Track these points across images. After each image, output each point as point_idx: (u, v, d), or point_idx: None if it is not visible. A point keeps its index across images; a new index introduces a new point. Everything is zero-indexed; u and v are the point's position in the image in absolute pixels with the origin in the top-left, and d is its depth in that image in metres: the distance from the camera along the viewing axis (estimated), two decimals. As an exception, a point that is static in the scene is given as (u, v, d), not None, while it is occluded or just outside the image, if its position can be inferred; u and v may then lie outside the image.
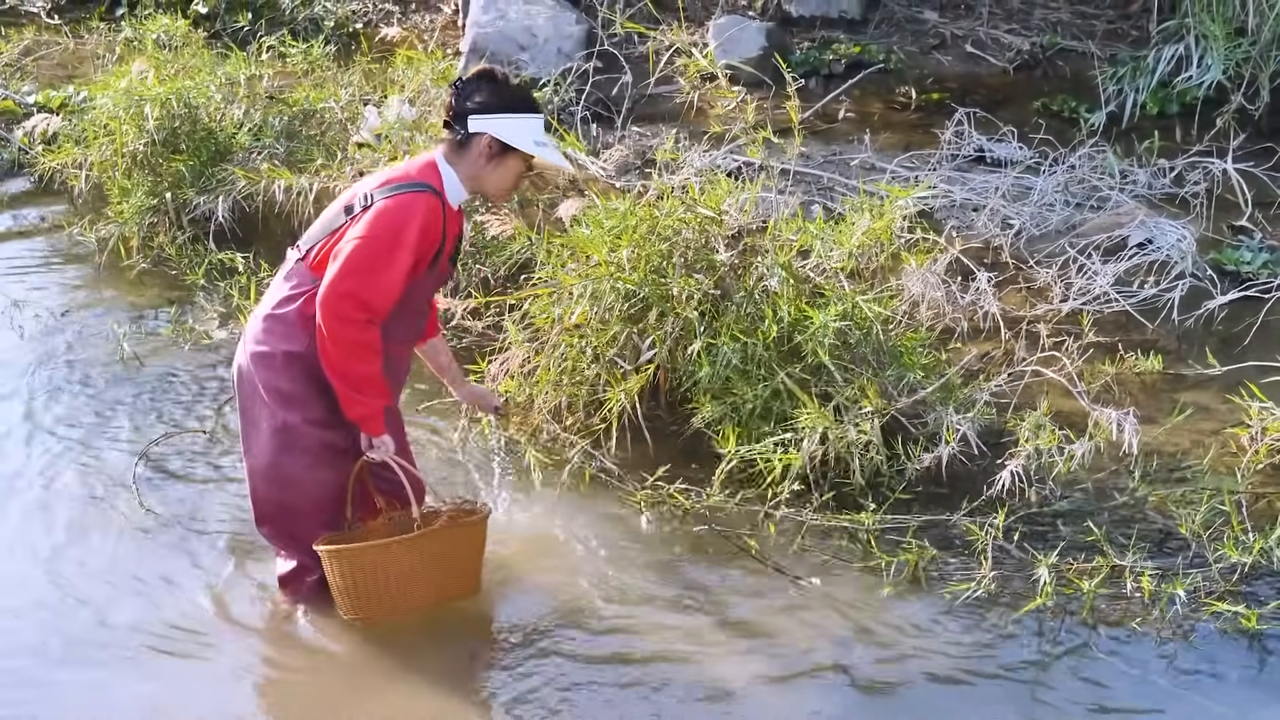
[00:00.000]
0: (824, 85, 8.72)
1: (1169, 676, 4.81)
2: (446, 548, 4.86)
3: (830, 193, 7.44)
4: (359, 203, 4.72)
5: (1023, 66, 9.03)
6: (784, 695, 4.71)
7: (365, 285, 4.57)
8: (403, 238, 4.62)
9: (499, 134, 4.76)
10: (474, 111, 4.76)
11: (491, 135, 4.76)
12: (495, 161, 4.81)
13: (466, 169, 4.81)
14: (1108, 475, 5.70)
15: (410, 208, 4.66)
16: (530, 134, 4.81)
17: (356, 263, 4.58)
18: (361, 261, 4.59)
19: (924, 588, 5.19)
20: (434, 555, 4.80)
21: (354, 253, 4.60)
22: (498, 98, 4.78)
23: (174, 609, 5.08)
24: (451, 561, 4.88)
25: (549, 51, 8.64)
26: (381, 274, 4.60)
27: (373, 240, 4.61)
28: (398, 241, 4.61)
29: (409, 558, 4.75)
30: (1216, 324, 6.55)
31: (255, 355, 4.78)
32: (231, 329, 6.81)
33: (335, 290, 4.56)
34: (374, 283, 4.58)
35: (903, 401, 5.65)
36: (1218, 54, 8.02)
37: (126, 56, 8.90)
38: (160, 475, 5.87)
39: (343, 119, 7.83)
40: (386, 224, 4.63)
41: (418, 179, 4.73)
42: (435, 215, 4.70)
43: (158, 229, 7.53)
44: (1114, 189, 7.41)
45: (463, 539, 4.94)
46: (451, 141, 4.82)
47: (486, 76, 4.82)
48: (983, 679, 4.81)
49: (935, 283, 6.28)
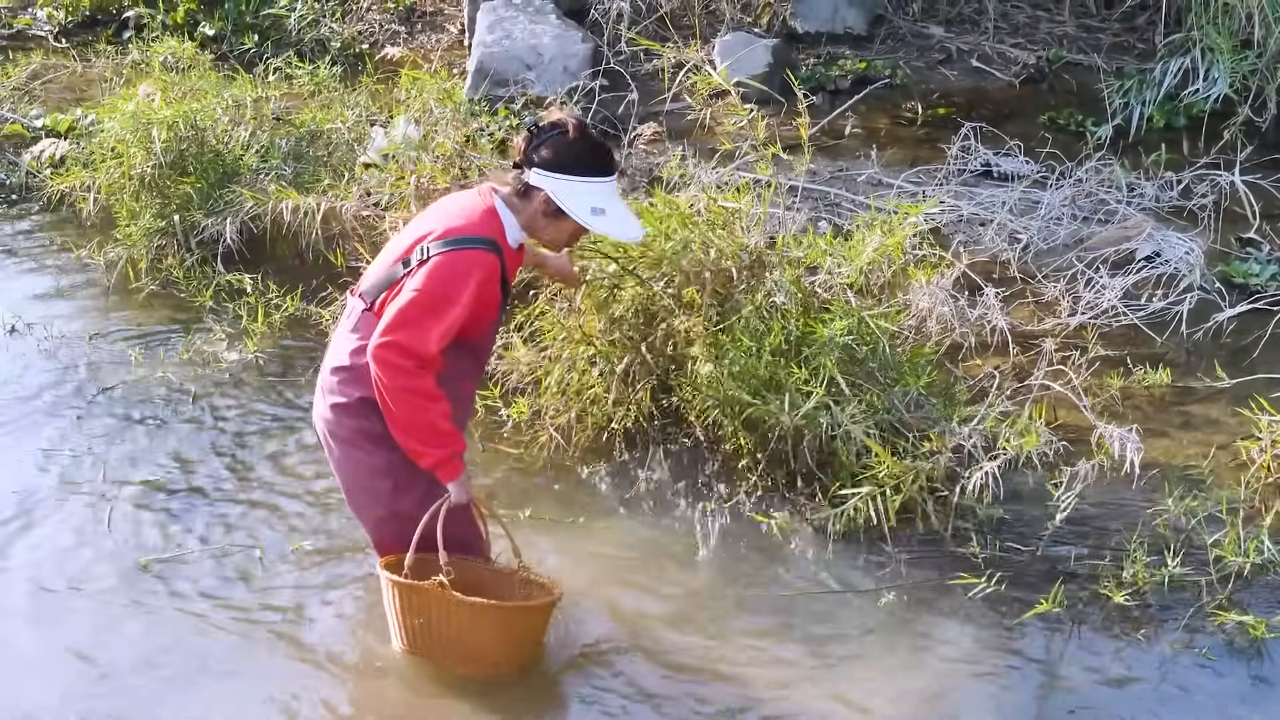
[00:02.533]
0: (830, 101, 8.72)
1: (1175, 684, 4.83)
2: (509, 621, 4.76)
3: (837, 209, 7.44)
4: (417, 256, 4.62)
5: (1029, 80, 9.04)
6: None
7: (413, 337, 4.50)
8: (456, 297, 4.55)
9: (555, 195, 4.64)
10: (537, 165, 4.65)
11: (549, 193, 4.65)
12: (551, 219, 4.71)
13: (524, 218, 4.72)
14: (1115, 487, 5.70)
15: (467, 267, 4.57)
16: (590, 199, 4.66)
17: (407, 316, 4.52)
18: (412, 315, 4.52)
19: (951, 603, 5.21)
20: (490, 623, 4.70)
21: (406, 306, 4.53)
22: (562, 155, 4.64)
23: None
24: (506, 635, 4.77)
25: (555, 70, 8.65)
26: (432, 327, 4.52)
27: (425, 295, 4.53)
28: (451, 299, 4.55)
29: (462, 616, 4.64)
30: (1225, 337, 6.54)
31: (335, 407, 4.74)
32: (240, 350, 6.82)
33: (383, 340, 4.50)
34: (423, 335, 4.50)
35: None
36: (1224, 66, 8.02)
37: (133, 79, 8.92)
38: (175, 499, 5.89)
39: (349, 139, 7.84)
40: (441, 280, 4.55)
41: (477, 233, 4.62)
42: (493, 273, 4.62)
43: (166, 251, 7.53)
44: (1121, 202, 7.40)
45: (526, 618, 4.83)
46: (515, 186, 4.72)
47: (559, 129, 4.67)
48: (993, 683, 4.84)
49: (944, 298, 6.28)
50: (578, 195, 4.65)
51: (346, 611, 5.23)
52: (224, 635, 5.08)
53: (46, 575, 5.39)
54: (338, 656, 4.99)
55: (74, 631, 5.10)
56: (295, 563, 5.48)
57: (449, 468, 4.66)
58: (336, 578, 5.40)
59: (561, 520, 5.66)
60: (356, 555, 5.48)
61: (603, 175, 4.71)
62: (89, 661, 4.96)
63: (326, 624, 5.16)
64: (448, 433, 4.62)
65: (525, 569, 4.94)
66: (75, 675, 4.89)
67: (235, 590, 5.33)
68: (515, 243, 4.75)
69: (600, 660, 4.97)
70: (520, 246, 4.82)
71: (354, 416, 4.71)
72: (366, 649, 5.01)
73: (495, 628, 4.72)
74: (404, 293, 4.57)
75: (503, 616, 4.73)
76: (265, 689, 4.84)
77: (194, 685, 4.86)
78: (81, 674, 4.90)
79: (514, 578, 4.93)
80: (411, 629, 4.73)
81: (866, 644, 5.06)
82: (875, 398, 5.57)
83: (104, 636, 5.08)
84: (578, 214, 4.64)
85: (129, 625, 5.14)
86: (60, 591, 5.30)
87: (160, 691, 4.82)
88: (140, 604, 5.24)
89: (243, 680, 4.88)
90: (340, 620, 5.19)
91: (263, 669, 4.93)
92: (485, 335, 4.85)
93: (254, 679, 4.88)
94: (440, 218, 4.74)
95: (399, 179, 7.09)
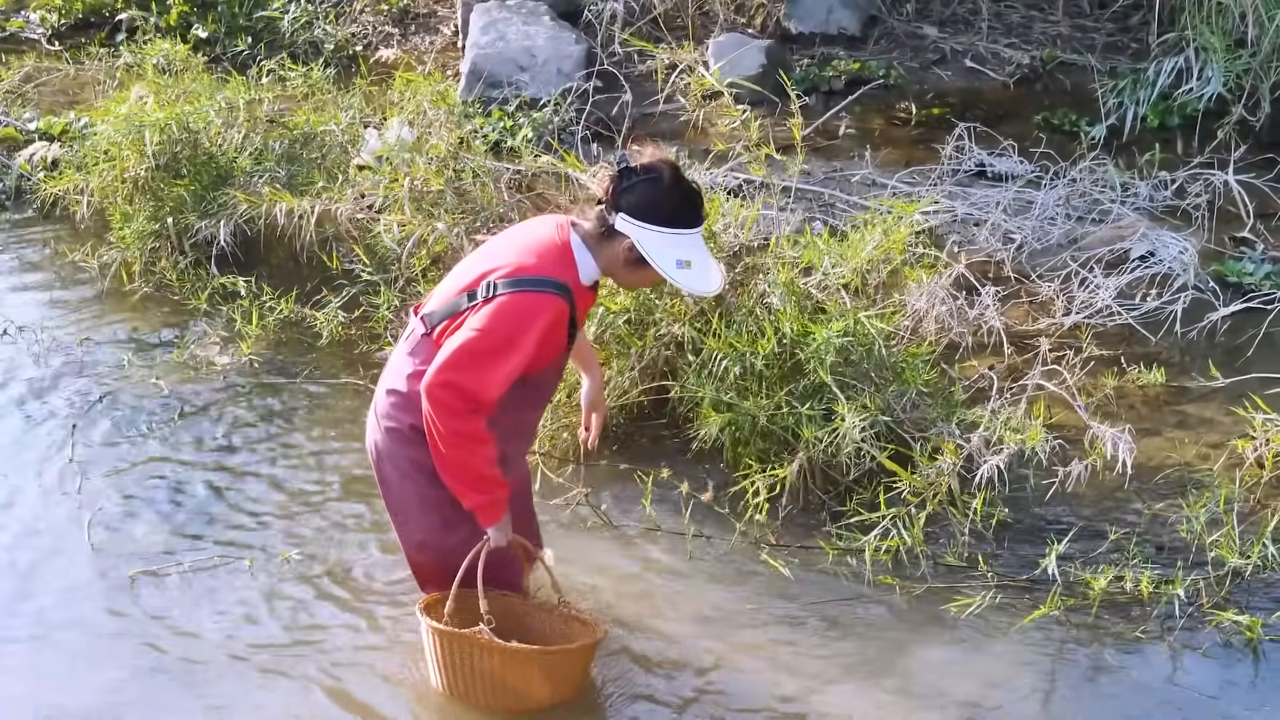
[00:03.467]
0: (824, 102, 8.71)
1: (1171, 685, 4.84)
2: (552, 666, 4.68)
3: (831, 209, 7.43)
4: (482, 292, 4.44)
5: (1023, 81, 9.03)
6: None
7: (469, 379, 4.35)
8: (520, 342, 4.38)
9: (641, 245, 4.44)
10: (625, 210, 4.45)
11: (634, 242, 4.47)
12: (633, 267, 4.53)
13: (603, 260, 4.55)
14: (1110, 487, 5.71)
15: (534, 311, 4.41)
16: (676, 251, 4.46)
17: (464, 357, 4.37)
18: (469, 357, 4.37)
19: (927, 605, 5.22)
20: (532, 667, 4.62)
21: (464, 346, 4.38)
22: (653, 205, 4.45)
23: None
24: (548, 678, 4.68)
25: (549, 72, 8.64)
26: (489, 371, 4.37)
27: (487, 337, 4.37)
28: (513, 345, 4.38)
29: (503, 661, 4.57)
30: (1219, 336, 6.54)
31: (388, 431, 4.63)
32: (234, 353, 6.80)
33: (436, 380, 4.37)
34: (480, 378, 4.36)
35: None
36: (1218, 66, 8.02)
37: (127, 82, 8.89)
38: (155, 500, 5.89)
39: (343, 141, 7.82)
40: (505, 323, 4.39)
41: (549, 275, 4.43)
42: (561, 317, 4.45)
43: (159, 254, 7.51)
44: (1115, 202, 7.40)
45: (567, 661, 4.73)
46: (598, 226, 4.53)
47: (652, 174, 4.48)
48: (992, 689, 4.86)
49: (941, 298, 6.28)
50: (665, 247, 4.46)
51: (336, 623, 5.21)
52: (212, 651, 5.05)
53: (27, 586, 5.39)
54: (329, 671, 4.97)
55: (53, 651, 5.06)
56: (284, 572, 5.46)
57: (490, 512, 4.57)
58: (326, 589, 5.37)
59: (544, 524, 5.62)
60: (346, 564, 5.50)
61: (692, 227, 4.53)
62: (67, 683, 4.90)
63: (315, 637, 5.14)
64: (491, 478, 4.51)
65: (567, 604, 4.86)
66: (54, 695, 4.85)
67: (223, 603, 5.29)
68: (589, 281, 4.58)
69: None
70: (594, 285, 4.65)
71: (405, 444, 4.60)
72: (359, 662, 5.00)
73: (537, 672, 4.63)
74: (465, 330, 4.42)
75: (546, 662, 4.65)
76: (258, 704, 4.83)
77: (182, 703, 4.84)
78: (60, 694, 4.86)
79: (555, 614, 4.86)
80: (451, 672, 4.64)
81: (865, 652, 5.07)
82: (871, 399, 5.58)
83: (84, 652, 5.04)
84: (663, 267, 4.47)
85: (111, 642, 5.09)
86: (42, 604, 5.28)
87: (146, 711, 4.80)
88: (122, 617, 5.22)
89: (236, 697, 4.85)
90: (329, 633, 5.16)
91: (254, 686, 4.91)
92: (549, 370, 4.68)
93: (245, 694, 4.87)
94: (512, 251, 4.55)
95: (393, 181, 7.09)
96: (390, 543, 5.50)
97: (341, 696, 4.84)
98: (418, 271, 6.72)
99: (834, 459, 5.57)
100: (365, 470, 6.01)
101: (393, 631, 5.14)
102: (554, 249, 4.52)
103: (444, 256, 6.76)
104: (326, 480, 6.03)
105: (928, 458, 5.51)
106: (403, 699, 4.83)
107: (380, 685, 4.89)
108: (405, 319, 5.53)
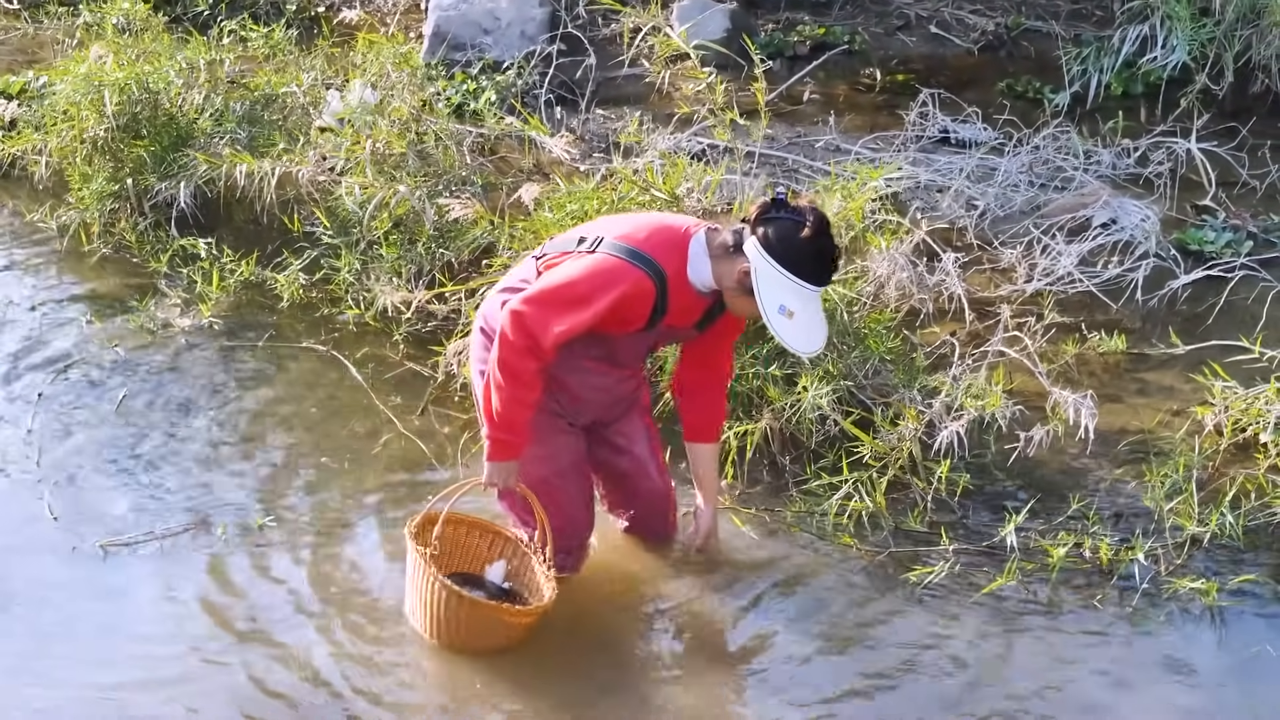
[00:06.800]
0: (788, 67, 8.68)
1: (1129, 651, 4.88)
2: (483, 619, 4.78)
3: (795, 175, 7.42)
4: (591, 239, 4.63)
5: (987, 48, 9.02)
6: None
7: (537, 319, 4.50)
8: (593, 301, 4.52)
9: (756, 276, 4.50)
10: (759, 238, 4.52)
11: (751, 269, 4.53)
12: (740, 290, 4.59)
13: (718, 270, 4.62)
14: (1070, 454, 5.74)
15: (618, 278, 4.54)
16: (785, 297, 4.50)
17: (545, 296, 4.54)
18: (546, 296, 4.54)
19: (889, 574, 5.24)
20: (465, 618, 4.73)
21: (548, 286, 4.56)
22: (785, 246, 4.49)
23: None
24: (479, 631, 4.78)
25: (512, 35, 8.59)
26: (554, 317, 4.50)
27: (568, 285, 4.54)
28: (587, 302, 4.51)
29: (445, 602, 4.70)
30: (1180, 304, 6.57)
31: (479, 330, 4.88)
32: (194, 316, 6.76)
33: (517, 307, 4.52)
34: (546, 321, 4.50)
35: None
36: (1182, 34, 8.02)
37: (86, 41, 8.79)
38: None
39: (305, 103, 7.76)
40: (587, 280, 4.54)
41: (650, 254, 4.57)
42: (643, 296, 4.56)
43: (119, 215, 7.44)
44: (1078, 169, 7.41)
45: (501, 622, 4.81)
46: (730, 239, 4.61)
47: (798, 216, 4.53)
48: (948, 662, 4.87)
49: (902, 264, 6.28)
50: (776, 288, 4.51)
51: (310, 587, 5.17)
52: (192, 623, 5.00)
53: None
54: (305, 637, 4.93)
55: (12, 625, 4.99)
56: (257, 539, 5.41)
57: (496, 449, 4.70)
58: (301, 555, 5.34)
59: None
60: (320, 530, 5.47)
61: (813, 283, 4.57)
62: (36, 661, 4.83)
63: (291, 601, 5.11)
64: (514, 422, 4.64)
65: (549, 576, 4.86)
66: (22, 675, 4.77)
67: (197, 573, 5.23)
68: (700, 285, 4.66)
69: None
70: (711, 293, 4.69)
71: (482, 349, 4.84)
72: (336, 625, 4.98)
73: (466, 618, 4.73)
74: (554, 271, 4.62)
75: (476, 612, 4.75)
76: (232, 673, 4.79)
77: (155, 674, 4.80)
78: (31, 673, 4.78)
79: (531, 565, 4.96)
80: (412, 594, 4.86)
81: (820, 616, 5.08)
82: (833, 365, 5.58)
83: (52, 628, 4.97)
84: (766, 306, 4.51)
85: (80, 620, 5.02)
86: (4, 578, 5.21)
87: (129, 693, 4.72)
88: (95, 590, 5.16)
89: (207, 671, 4.81)
90: (304, 597, 5.12)
91: (236, 651, 4.88)
92: (624, 340, 4.77)
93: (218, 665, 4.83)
94: (637, 224, 4.73)
95: (355, 144, 7.04)
96: (363, 504, 5.50)
97: (318, 660, 4.82)
98: (379, 234, 6.68)
99: (798, 424, 5.58)
100: (332, 432, 6.03)
101: (371, 593, 5.13)
102: (671, 237, 4.64)
103: (405, 219, 6.73)
104: (293, 443, 6.00)
105: (889, 423, 5.52)
106: (383, 661, 4.82)
107: (360, 647, 4.87)
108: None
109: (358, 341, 6.58)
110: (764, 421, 5.61)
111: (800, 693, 4.72)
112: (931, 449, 5.48)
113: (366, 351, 6.50)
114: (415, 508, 5.27)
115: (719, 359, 5.07)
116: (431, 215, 6.62)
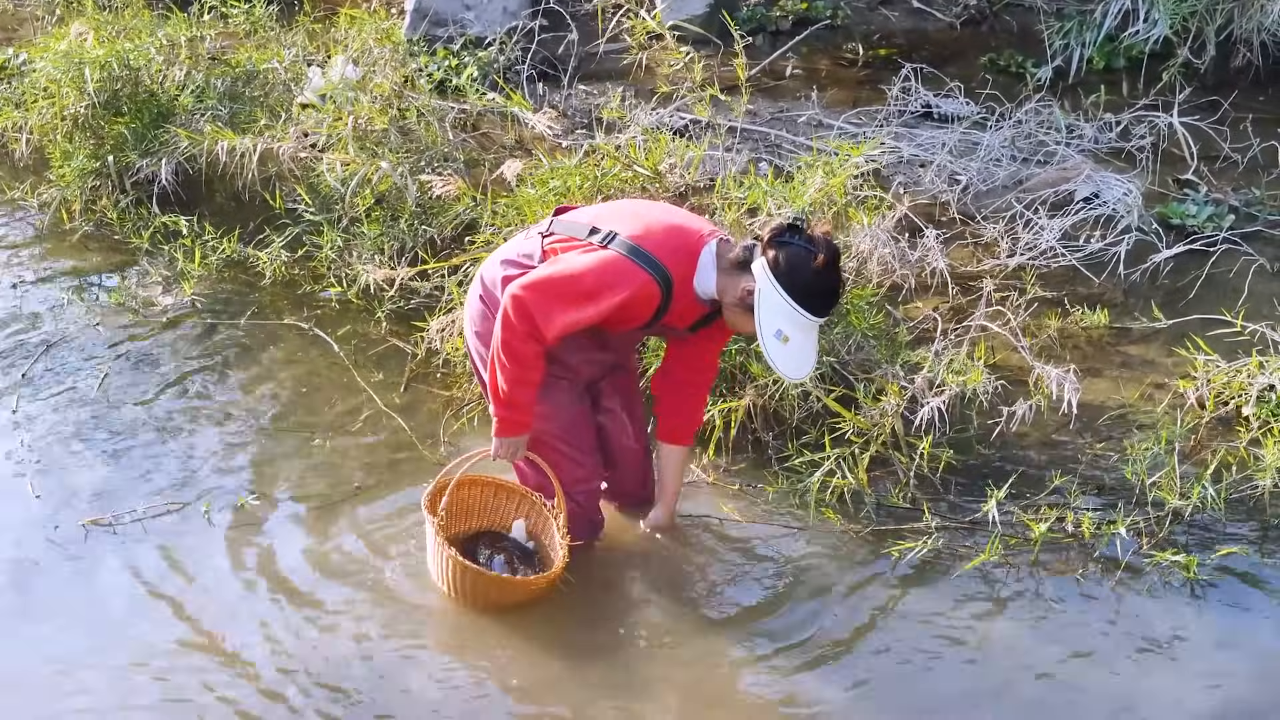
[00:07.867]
0: (771, 42, 8.67)
1: (1111, 625, 4.89)
2: (492, 588, 4.89)
3: (778, 150, 7.41)
4: (604, 234, 4.62)
5: (969, 22, 9.01)
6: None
7: (540, 308, 4.53)
8: (599, 299, 4.55)
9: (758, 296, 4.52)
10: (768, 260, 4.53)
11: (754, 290, 4.54)
12: (740, 306, 4.62)
13: (721, 281, 4.65)
14: (1053, 428, 5.75)
15: (625, 279, 4.56)
16: (783, 322, 4.53)
17: (547, 284, 4.56)
18: (551, 286, 4.56)
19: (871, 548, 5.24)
20: (476, 584, 4.85)
21: (553, 275, 4.58)
22: (792, 272, 4.50)
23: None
24: (492, 596, 4.89)
25: (494, 10, 8.57)
26: (558, 311, 4.54)
27: (577, 281, 4.56)
28: (592, 299, 4.55)
29: (456, 569, 4.82)
30: (1162, 278, 6.57)
31: (479, 297, 4.88)
32: (176, 293, 6.75)
33: (520, 291, 4.54)
34: (548, 312, 4.53)
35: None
36: (1164, 8, 8.01)
37: (66, 18, 8.77)
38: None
39: (286, 79, 7.74)
40: (597, 278, 4.55)
41: (660, 259, 4.57)
42: (648, 299, 4.59)
43: (100, 192, 7.44)
44: (1060, 144, 7.41)
45: (513, 589, 4.92)
46: (739, 254, 4.62)
47: (811, 245, 4.54)
48: (934, 640, 4.88)
49: (884, 239, 6.28)
50: (776, 313, 4.53)
51: (297, 564, 5.17)
52: (174, 602, 4.99)
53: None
54: (293, 614, 4.94)
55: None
56: (240, 518, 5.41)
57: (502, 426, 4.80)
58: (284, 533, 5.34)
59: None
60: (304, 507, 5.47)
61: (814, 313, 4.58)
62: (10, 640, 4.83)
63: (277, 580, 5.10)
64: (518, 402, 4.73)
65: (565, 543, 4.93)
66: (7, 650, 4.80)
67: (179, 552, 5.22)
68: (703, 294, 4.68)
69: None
70: (710, 301, 4.72)
71: (489, 321, 4.82)
72: (324, 600, 4.99)
73: (471, 583, 4.85)
74: (564, 260, 4.62)
75: (480, 580, 4.85)
76: (218, 652, 4.78)
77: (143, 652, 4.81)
78: (17, 648, 4.79)
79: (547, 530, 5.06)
80: (431, 555, 4.98)
81: (801, 599, 5.08)
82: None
83: (35, 610, 4.95)
84: (764, 329, 4.54)
85: (64, 597, 5.01)
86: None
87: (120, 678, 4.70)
88: (79, 569, 5.14)
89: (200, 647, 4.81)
90: (291, 574, 5.12)
91: (217, 629, 4.87)
92: (622, 334, 4.87)
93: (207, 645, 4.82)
94: (652, 222, 4.71)
95: (336, 120, 7.02)
96: (346, 479, 5.50)
97: (300, 638, 4.82)
98: (361, 211, 6.67)
99: (781, 400, 5.59)
100: (315, 409, 6.03)
101: (355, 569, 5.14)
102: (684, 242, 4.65)
103: (387, 196, 6.72)
104: (275, 421, 6.00)
105: (872, 399, 5.54)
106: (367, 635, 4.83)
107: (345, 623, 4.88)
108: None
109: (340, 319, 6.58)
110: (747, 398, 5.62)
111: (781, 663, 4.74)
112: (914, 425, 5.50)
113: (349, 329, 6.51)
114: (395, 484, 5.38)
115: (706, 361, 5.10)
116: (414, 192, 6.62)
